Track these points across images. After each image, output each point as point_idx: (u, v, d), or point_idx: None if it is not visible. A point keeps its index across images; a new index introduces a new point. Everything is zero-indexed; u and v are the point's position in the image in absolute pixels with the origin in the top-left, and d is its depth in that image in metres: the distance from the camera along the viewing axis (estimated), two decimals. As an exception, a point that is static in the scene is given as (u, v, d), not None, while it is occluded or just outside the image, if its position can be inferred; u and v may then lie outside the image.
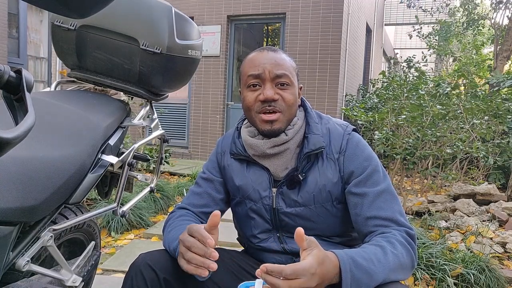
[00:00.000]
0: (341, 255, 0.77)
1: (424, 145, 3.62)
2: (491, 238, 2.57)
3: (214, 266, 0.77)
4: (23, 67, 1.01)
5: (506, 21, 7.38)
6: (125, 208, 1.25)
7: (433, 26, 10.00)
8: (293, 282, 0.68)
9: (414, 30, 9.74)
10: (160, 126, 1.46)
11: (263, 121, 0.97)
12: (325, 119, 1.06)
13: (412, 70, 5.22)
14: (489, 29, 9.46)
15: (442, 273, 1.98)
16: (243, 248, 1.18)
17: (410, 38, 10.27)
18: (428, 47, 10.05)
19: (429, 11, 9.35)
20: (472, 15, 8.91)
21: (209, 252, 0.77)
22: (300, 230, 0.73)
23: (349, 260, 0.76)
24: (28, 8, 5.74)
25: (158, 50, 1.23)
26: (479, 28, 9.28)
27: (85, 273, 1.16)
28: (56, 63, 6.26)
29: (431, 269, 2.02)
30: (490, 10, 8.67)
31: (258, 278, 0.71)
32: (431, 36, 10.04)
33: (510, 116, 3.82)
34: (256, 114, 0.99)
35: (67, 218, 1.09)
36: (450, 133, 3.63)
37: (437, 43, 10.21)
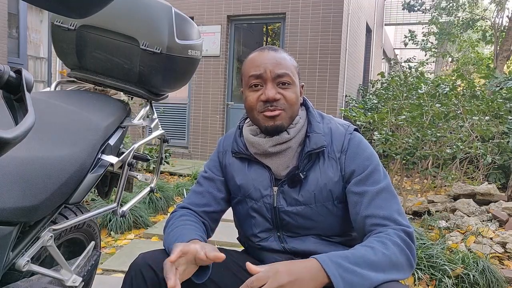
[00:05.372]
0: (320, 256, 0.79)
1: (424, 145, 3.61)
2: (491, 238, 2.57)
3: None
4: (23, 67, 1.01)
5: (506, 22, 7.39)
6: (125, 208, 1.25)
7: (429, 26, 9.93)
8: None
9: (410, 39, 9.64)
10: (160, 126, 1.46)
11: (265, 117, 0.97)
12: (327, 118, 1.07)
13: (413, 70, 5.23)
14: (484, 28, 9.42)
15: (442, 274, 1.97)
16: (243, 248, 1.18)
17: (405, 46, 10.20)
18: (424, 49, 9.98)
19: (428, 11, 9.32)
20: (472, 14, 8.90)
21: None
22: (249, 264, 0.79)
23: (333, 264, 0.77)
24: (28, 8, 5.74)
25: (158, 50, 1.23)
26: (477, 27, 9.25)
27: (85, 273, 1.16)
28: (56, 63, 6.25)
29: (431, 269, 2.02)
30: (488, 10, 8.65)
31: None
32: (428, 38, 9.95)
33: (511, 117, 3.81)
34: (258, 114, 0.99)
35: (67, 218, 1.09)
36: (450, 133, 3.63)
37: (434, 46, 10.14)
